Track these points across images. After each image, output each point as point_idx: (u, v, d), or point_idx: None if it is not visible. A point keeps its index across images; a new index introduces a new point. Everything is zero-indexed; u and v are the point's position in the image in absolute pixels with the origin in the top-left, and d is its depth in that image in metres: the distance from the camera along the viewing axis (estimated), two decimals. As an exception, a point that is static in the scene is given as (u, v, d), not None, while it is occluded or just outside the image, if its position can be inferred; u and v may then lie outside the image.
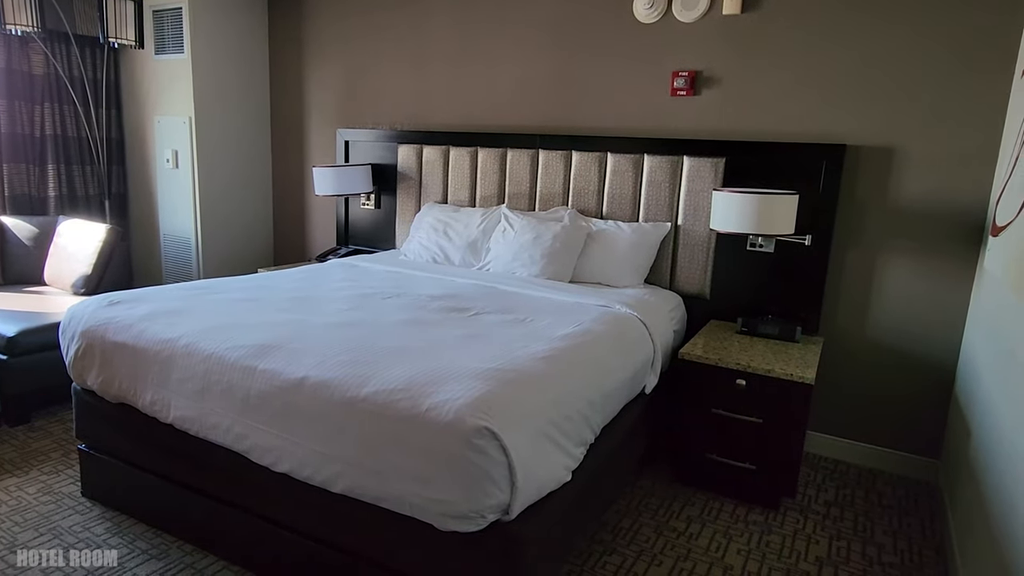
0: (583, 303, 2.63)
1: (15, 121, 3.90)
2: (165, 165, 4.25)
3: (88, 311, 2.26)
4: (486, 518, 1.56)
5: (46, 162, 4.08)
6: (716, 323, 2.97)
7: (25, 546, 2.05)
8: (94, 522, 2.20)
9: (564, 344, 2.09)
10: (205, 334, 2.02)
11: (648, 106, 3.17)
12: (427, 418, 1.57)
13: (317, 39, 4.19)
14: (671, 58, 3.08)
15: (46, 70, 3.99)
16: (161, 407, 2.02)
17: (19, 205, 3.99)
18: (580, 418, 1.90)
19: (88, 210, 4.27)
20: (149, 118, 4.29)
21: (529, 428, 1.64)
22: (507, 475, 1.54)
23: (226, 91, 4.19)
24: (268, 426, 1.79)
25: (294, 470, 1.78)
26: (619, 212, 3.18)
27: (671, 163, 3.02)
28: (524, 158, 3.41)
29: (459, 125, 3.73)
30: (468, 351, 1.94)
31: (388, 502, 1.65)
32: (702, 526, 2.37)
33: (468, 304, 2.52)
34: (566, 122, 3.41)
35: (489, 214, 3.37)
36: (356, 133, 4.00)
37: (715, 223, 2.71)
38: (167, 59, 4.08)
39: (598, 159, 3.21)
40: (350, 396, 1.67)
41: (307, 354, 1.86)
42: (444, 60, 3.73)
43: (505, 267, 3.10)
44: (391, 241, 3.95)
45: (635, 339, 2.43)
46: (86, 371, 2.22)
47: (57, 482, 2.45)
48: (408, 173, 3.80)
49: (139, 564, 2.00)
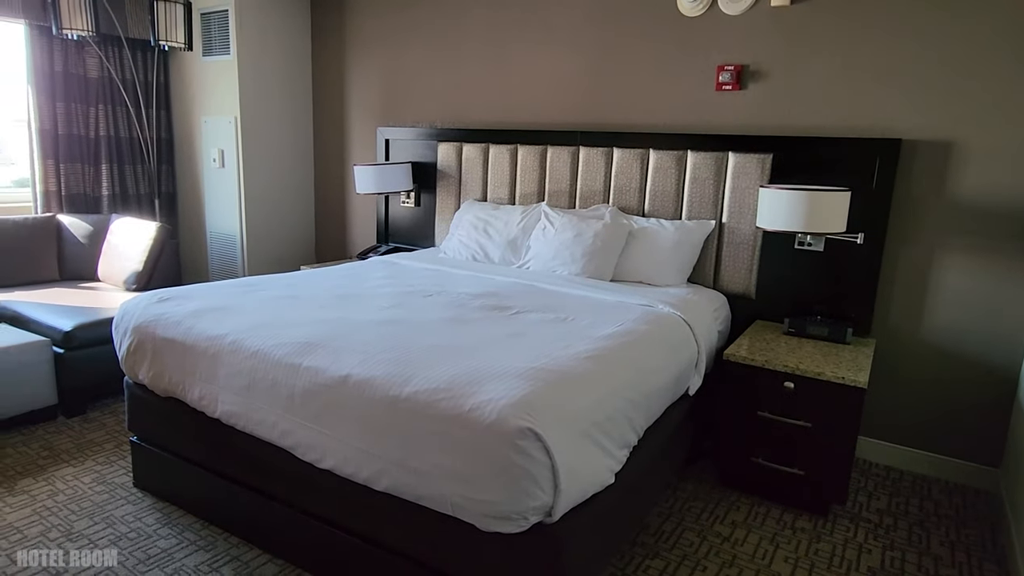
0: (625, 302, 2.59)
1: (72, 123, 4.05)
2: (212, 164, 4.35)
3: (139, 307, 2.33)
4: (528, 520, 1.55)
5: (100, 162, 4.22)
6: (762, 324, 2.89)
7: (81, 534, 2.13)
8: (145, 512, 2.27)
9: (607, 344, 2.06)
10: (251, 331, 2.06)
11: (692, 101, 3.10)
12: (469, 418, 1.56)
13: (358, 38, 4.23)
14: (716, 52, 3.00)
15: (100, 73, 4.12)
16: (209, 402, 2.07)
17: (75, 204, 4.14)
18: (623, 419, 1.86)
19: (139, 208, 4.41)
20: (197, 118, 4.40)
21: (572, 429, 1.62)
22: (550, 477, 1.52)
23: (270, 91, 4.27)
24: (312, 423, 1.81)
25: (338, 467, 1.79)
26: (661, 210, 3.13)
27: (716, 159, 2.95)
28: (564, 155, 3.38)
29: (499, 122, 3.72)
30: (510, 350, 1.93)
31: (430, 501, 1.65)
32: (747, 531, 2.31)
33: (509, 303, 2.50)
34: (607, 118, 3.36)
35: (529, 212, 3.35)
36: (396, 131, 4.02)
37: (762, 221, 2.64)
38: (214, 60, 4.17)
39: (640, 156, 3.16)
40: (392, 395, 1.68)
41: (350, 352, 1.87)
42: (483, 57, 3.73)
43: (545, 265, 3.08)
44: (430, 239, 3.96)
45: (678, 339, 2.38)
46: (137, 366, 2.28)
47: (110, 472, 2.53)
48: (448, 171, 3.81)
49: (188, 555, 2.05)
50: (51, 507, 2.27)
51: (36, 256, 3.75)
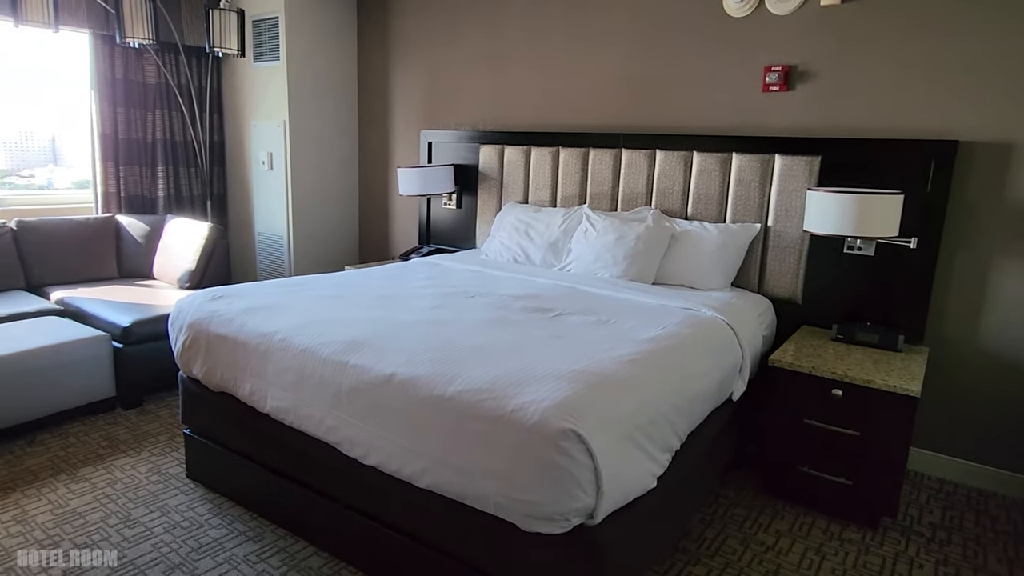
0: (668, 305, 2.57)
1: (131, 127, 4.22)
2: (261, 167, 4.48)
3: (194, 305, 2.42)
4: (570, 521, 1.55)
5: (156, 164, 4.39)
6: (808, 329, 2.83)
7: (138, 521, 2.22)
8: (197, 503, 2.35)
9: (649, 347, 2.05)
10: (299, 329, 2.11)
11: (737, 103, 3.06)
12: (512, 419, 1.57)
13: (402, 43, 4.30)
14: (763, 52, 2.95)
15: (157, 79, 4.29)
16: (259, 397, 2.13)
17: (133, 205, 4.32)
18: (666, 424, 1.85)
19: (192, 209, 4.57)
20: (247, 122, 4.54)
21: (615, 432, 1.62)
22: (593, 479, 1.52)
23: (318, 95, 4.37)
24: (357, 419, 1.85)
25: (382, 463, 1.83)
26: (705, 213, 3.09)
27: (762, 162, 2.90)
28: (606, 157, 3.37)
29: (540, 125, 3.74)
30: (552, 352, 1.94)
31: (472, 499, 1.67)
32: (792, 541, 2.26)
33: (550, 304, 2.51)
34: (650, 120, 3.34)
35: (571, 214, 3.35)
36: (439, 134, 4.08)
37: (809, 224, 2.58)
38: (264, 66, 4.30)
39: (683, 158, 3.13)
40: (436, 394, 1.70)
41: (395, 351, 1.91)
42: (525, 60, 3.74)
43: (587, 268, 3.07)
44: (472, 240, 4.00)
45: (722, 344, 2.36)
46: (192, 361, 2.37)
47: (165, 463, 2.63)
48: (489, 173, 3.84)
49: (237, 545, 2.12)
50: (110, 495, 2.38)
51: (97, 255, 3.93)
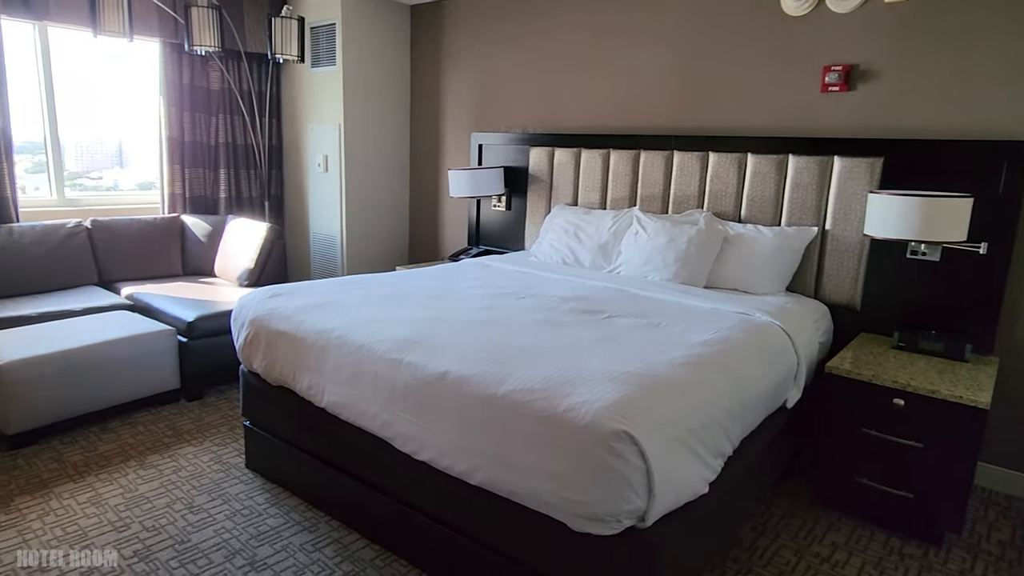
0: (720, 309, 2.54)
1: (196, 131, 4.41)
2: (316, 169, 4.61)
3: (255, 301, 2.51)
4: (621, 523, 1.55)
5: (219, 167, 4.57)
6: (867, 336, 2.74)
7: (201, 507, 2.32)
8: (256, 492, 2.44)
9: (702, 351, 2.02)
10: (355, 326, 2.17)
11: (794, 103, 2.99)
12: (564, 419, 1.58)
13: (454, 47, 4.37)
14: (823, 52, 2.88)
15: (221, 85, 4.47)
16: (316, 392, 2.20)
17: (196, 205, 4.51)
18: (719, 428, 1.83)
19: (251, 210, 4.74)
20: (304, 126, 4.68)
21: (667, 435, 1.61)
22: (645, 481, 1.52)
23: (372, 99, 4.48)
24: (411, 416, 1.89)
25: (434, 460, 1.87)
26: (759, 215, 3.03)
27: (820, 164, 2.83)
28: (658, 159, 3.34)
29: (591, 127, 3.73)
30: (602, 354, 1.94)
31: (523, 498, 1.68)
32: (849, 554, 2.20)
33: (600, 307, 2.51)
34: (703, 122, 3.30)
35: (621, 216, 3.34)
36: (489, 137, 4.12)
37: (870, 228, 2.51)
38: (321, 71, 4.43)
39: (737, 160, 3.08)
40: (489, 393, 1.73)
41: (448, 350, 1.94)
42: (575, 61, 3.75)
43: (636, 270, 3.06)
44: (520, 242, 4.02)
45: (777, 349, 2.31)
46: (253, 356, 2.46)
47: (225, 453, 2.73)
48: (539, 175, 3.85)
49: (294, 534, 2.19)
50: (175, 481, 2.49)
51: (163, 253, 4.12)
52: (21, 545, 2.07)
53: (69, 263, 3.71)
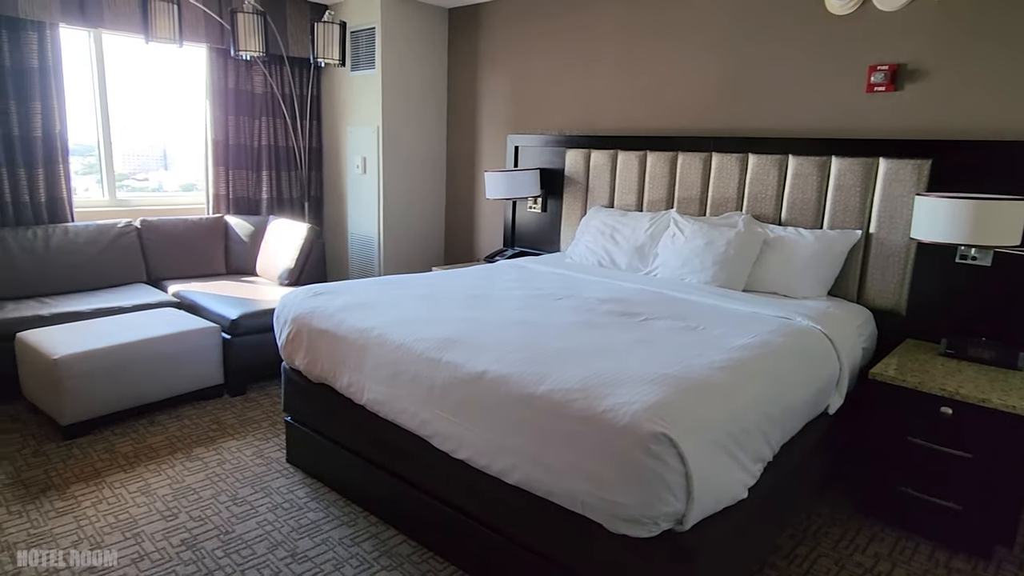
0: (759, 313, 2.50)
1: (240, 133, 4.53)
2: (355, 171, 4.69)
3: (297, 300, 2.57)
4: (659, 525, 1.55)
5: (261, 169, 4.69)
6: (913, 343, 2.67)
7: (244, 500, 2.38)
8: (297, 486, 2.50)
9: (741, 355, 2.00)
10: (394, 326, 2.21)
11: (838, 104, 2.93)
12: (603, 420, 1.59)
13: (490, 49, 4.40)
14: (868, 51, 2.82)
15: (264, 89, 4.58)
16: (356, 390, 2.24)
17: (239, 206, 4.63)
18: (758, 433, 1.81)
19: (291, 211, 4.84)
20: (343, 128, 4.77)
21: (707, 438, 1.60)
22: (684, 484, 1.51)
23: (410, 102, 4.54)
24: (450, 414, 1.92)
25: (472, 458, 1.89)
26: (800, 218, 2.98)
27: (864, 165, 2.77)
28: (696, 161, 3.31)
29: (628, 128, 3.72)
30: (640, 356, 1.93)
31: (560, 498, 1.69)
32: (892, 566, 2.14)
33: (637, 309, 2.50)
34: (742, 123, 3.26)
35: (657, 219, 3.32)
36: (525, 139, 4.13)
37: (917, 231, 2.44)
38: (360, 74, 4.51)
39: (778, 162, 3.03)
40: (528, 393, 1.74)
41: (486, 349, 1.96)
42: (613, 63, 3.74)
43: (673, 273, 3.04)
44: (556, 244, 4.03)
45: (819, 354, 2.27)
46: (295, 353, 2.52)
47: (267, 448, 2.80)
48: (575, 177, 3.85)
49: (333, 528, 2.24)
50: (220, 474, 2.57)
51: (208, 252, 4.24)
52: (76, 530, 2.16)
53: (120, 261, 3.85)
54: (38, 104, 3.60)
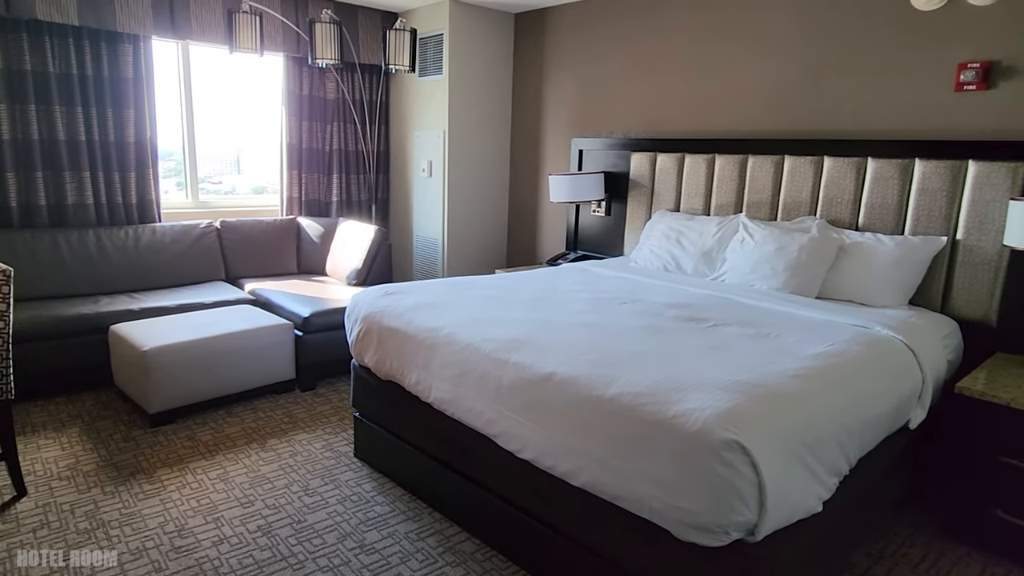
0: (835, 321, 2.42)
1: (312, 138, 4.71)
2: (421, 174, 4.79)
3: (368, 299, 2.65)
4: (730, 535, 1.52)
5: (331, 172, 4.85)
6: (1004, 356, 2.51)
7: (315, 491, 2.47)
8: (364, 480, 2.57)
9: (816, 364, 1.94)
10: (463, 326, 2.25)
11: (923, 104, 2.80)
12: (673, 425, 1.57)
13: (556, 53, 4.41)
14: (957, 48, 2.68)
15: (336, 95, 4.75)
16: (423, 388, 2.29)
17: (311, 208, 4.80)
18: (835, 445, 1.75)
19: (359, 213, 4.99)
20: (410, 132, 4.88)
21: (781, 448, 1.56)
22: (756, 494, 1.48)
23: (475, 106, 4.61)
24: (516, 415, 1.94)
25: (537, 459, 1.90)
26: (879, 223, 2.86)
27: (951, 168, 2.64)
28: (767, 164, 3.23)
29: (696, 131, 3.66)
30: (710, 362, 1.90)
31: (627, 502, 1.68)
32: (979, 591, 2.03)
33: (705, 314, 2.46)
34: (817, 125, 3.15)
35: (726, 223, 3.25)
36: (590, 142, 4.12)
37: (1011, 238, 2.31)
38: (427, 80, 4.61)
39: (855, 165, 2.92)
40: (596, 395, 1.74)
41: (553, 351, 1.97)
42: (681, 65, 3.69)
43: (742, 278, 2.96)
44: (619, 248, 4.00)
45: (899, 366, 2.17)
46: (364, 351, 2.60)
47: (336, 442, 2.90)
48: (640, 181, 3.82)
49: (399, 522, 2.30)
50: (292, 465, 2.67)
51: (281, 252, 4.42)
52: (163, 512, 2.29)
53: (201, 260, 4.06)
54: (131, 112, 3.85)
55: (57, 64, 3.58)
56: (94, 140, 3.76)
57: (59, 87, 3.60)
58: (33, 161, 3.58)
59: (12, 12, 3.32)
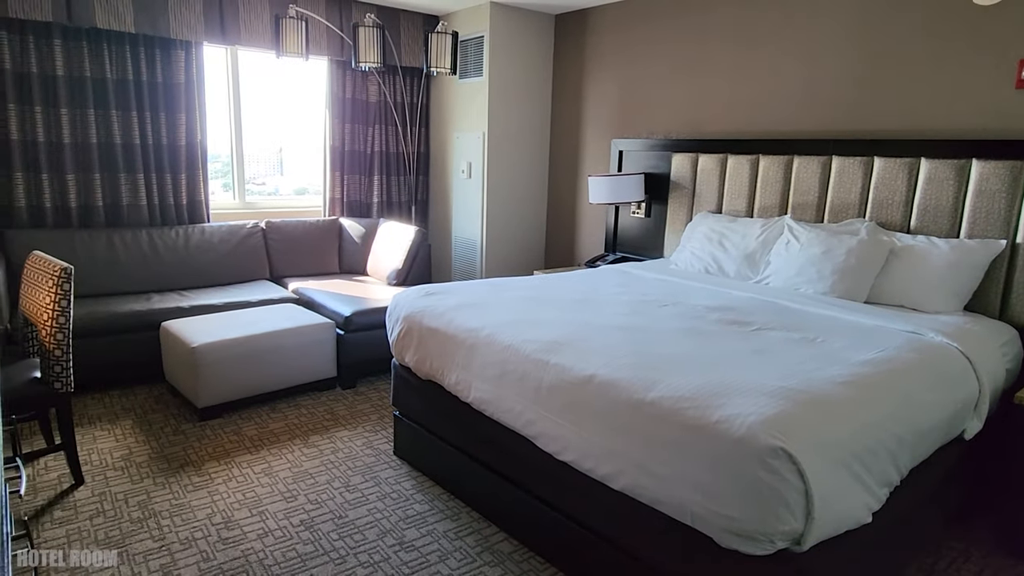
0: (885, 327, 2.34)
1: (355, 140, 4.79)
2: (460, 175, 4.83)
3: (409, 299, 2.68)
4: (775, 544, 1.49)
5: (373, 173, 4.93)
6: (1068, 365, 2.40)
7: (356, 487, 2.51)
8: (403, 478, 2.61)
9: (866, 370, 1.88)
10: (503, 327, 2.26)
11: (981, 102, 2.69)
12: (716, 430, 1.54)
13: (596, 54, 4.39)
14: (1020, 43, 2.57)
15: (378, 98, 4.82)
16: (463, 388, 2.31)
17: (352, 209, 4.89)
18: (886, 454, 1.70)
19: (400, 214, 5.06)
20: (450, 134, 4.92)
21: (828, 456, 1.52)
22: (803, 502, 1.45)
23: (515, 107, 4.62)
24: (556, 416, 1.93)
25: (576, 461, 1.89)
26: (933, 226, 2.76)
27: (1011, 169, 2.53)
28: (813, 165, 3.15)
29: (739, 132, 3.60)
30: (754, 367, 1.87)
31: (667, 507, 1.66)
32: (1039, 611, 1.94)
33: (748, 318, 2.41)
34: (867, 125, 3.06)
35: (770, 225, 3.19)
36: (630, 143, 4.09)
37: (1076, 242, 2.20)
38: (467, 82, 4.64)
39: (908, 165, 2.83)
40: (637, 398, 1.73)
41: (594, 353, 1.96)
42: (725, 64, 3.63)
43: (787, 282, 2.90)
44: (659, 250, 3.96)
45: (954, 374, 2.09)
46: (405, 350, 2.63)
47: (376, 439, 2.94)
48: (681, 182, 3.77)
49: (438, 520, 2.32)
50: (334, 461, 2.72)
51: (324, 252, 4.51)
52: (210, 504, 2.36)
53: (247, 259, 4.17)
54: (183, 116, 3.98)
55: (114, 70, 3.73)
56: (148, 143, 3.90)
57: (116, 92, 3.75)
58: (91, 163, 3.73)
59: (74, 21, 3.47)
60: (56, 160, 3.64)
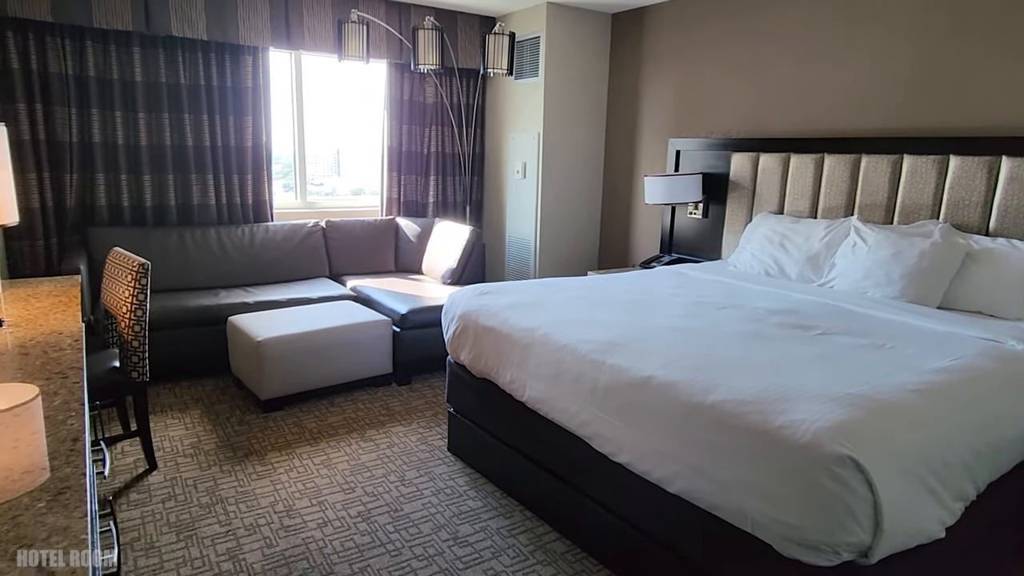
0: (960, 334, 2.23)
1: (412, 141, 4.88)
2: (515, 176, 4.85)
3: (465, 298, 2.71)
4: (840, 555, 1.44)
5: (429, 174, 5.00)
6: None
7: (411, 482, 2.56)
8: (457, 475, 2.64)
9: (939, 378, 1.80)
10: (558, 326, 2.26)
11: (1070, 96, 2.53)
12: (780, 435, 1.51)
13: (654, 53, 4.33)
14: (1114, 33, 2.41)
15: (434, 99, 4.89)
16: (518, 386, 2.32)
17: (408, 209, 4.98)
18: (961, 467, 1.62)
19: (455, 214, 5.12)
20: (505, 135, 4.95)
21: (899, 466, 1.46)
22: (871, 514, 1.39)
23: (570, 108, 4.61)
24: (612, 417, 1.92)
25: (632, 463, 1.88)
26: (1014, 228, 2.61)
27: (1104, 167, 2.37)
28: (882, 164, 3.03)
29: (802, 130, 3.49)
30: (819, 372, 1.81)
31: (726, 512, 1.63)
32: None
33: (812, 322, 2.34)
34: (941, 122, 2.92)
35: (835, 226, 3.08)
36: (687, 143, 4.02)
37: None
38: (524, 83, 4.66)
39: (987, 164, 2.68)
40: (696, 401, 1.70)
41: (651, 354, 1.94)
42: (787, 61, 3.52)
43: (853, 285, 2.80)
44: (716, 251, 3.88)
45: (1038, 384, 1.97)
46: (460, 348, 2.66)
47: (430, 435, 2.99)
48: (741, 182, 3.68)
49: (491, 517, 2.34)
50: (389, 455, 2.78)
51: (381, 251, 4.61)
52: (272, 492, 2.45)
53: (308, 257, 4.30)
54: (250, 119, 4.14)
55: (188, 76, 3.91)
56: (217, 145, 4.07)
57: (189, 97, 3.93)
58: (165, 165, 3.92)
59: (151, 30, 3.66)
60: (133, 162, 3.85)
